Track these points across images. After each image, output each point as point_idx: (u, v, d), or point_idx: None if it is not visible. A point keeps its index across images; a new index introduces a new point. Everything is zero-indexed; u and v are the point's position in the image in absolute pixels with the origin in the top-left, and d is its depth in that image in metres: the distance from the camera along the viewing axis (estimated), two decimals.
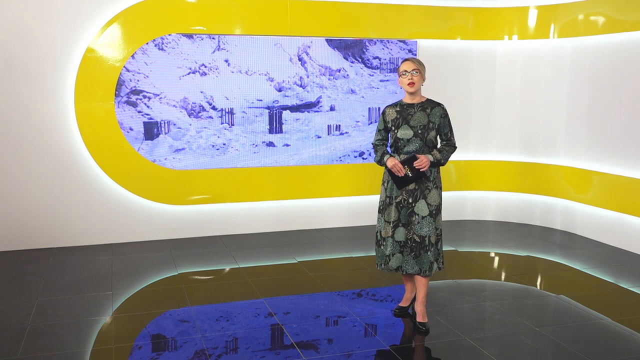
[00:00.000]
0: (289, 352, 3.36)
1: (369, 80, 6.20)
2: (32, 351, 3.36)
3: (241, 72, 5.76)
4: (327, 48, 6.01)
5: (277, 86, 5.89)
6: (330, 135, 6.12)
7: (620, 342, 3.55)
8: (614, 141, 5.63)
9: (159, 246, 5.57)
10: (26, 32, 5.18)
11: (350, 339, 3.56)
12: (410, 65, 3.57)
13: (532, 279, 4.76)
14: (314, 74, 5.99)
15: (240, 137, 5.84)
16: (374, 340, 3.54)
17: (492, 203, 6.72)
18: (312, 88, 6.00)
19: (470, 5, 6.38)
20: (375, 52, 6.17)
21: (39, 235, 5.46)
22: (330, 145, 6.14)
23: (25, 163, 5.34)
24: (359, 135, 6.21)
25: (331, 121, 6.12)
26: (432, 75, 5.39)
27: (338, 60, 6.06)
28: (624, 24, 5.40)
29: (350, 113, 6.17)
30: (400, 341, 3.57)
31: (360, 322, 3.80)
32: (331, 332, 3.66)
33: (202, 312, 3.96)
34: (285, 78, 5.91)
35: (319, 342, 3.51)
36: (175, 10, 5.53)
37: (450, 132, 3.68)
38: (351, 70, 6.11)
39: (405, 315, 3.89)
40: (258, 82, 5.83)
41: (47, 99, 5.31)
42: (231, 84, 5.75)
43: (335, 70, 6.06)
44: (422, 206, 3.60)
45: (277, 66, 5.87)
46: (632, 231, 5.47)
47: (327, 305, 4.12)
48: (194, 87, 5.65)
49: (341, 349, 3.41)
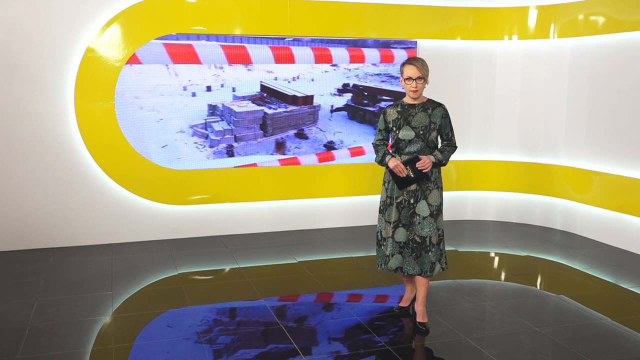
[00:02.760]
0: (288, 352, 3.36)
1: None
2: (32, 351, 3.36)
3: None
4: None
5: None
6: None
7: (620, 342, 3.55)
8: (614, 141, 5.63)
9: (159, 246, 5.57)
10: (26, 32, 5.18)
11: (350, 339, 3.56)
12: (415, 72, 3.54)
13: (532, 279, 4.76)
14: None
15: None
16: (374, 340, 3.54)
17: (492, 203, 6.72)
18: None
19: (470, 5, 6.38)
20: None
21: (39, 235, 5.46)
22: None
23: (25, 163, 5.34)
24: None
25: None
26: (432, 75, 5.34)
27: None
28: (624, 24, 5.40)
29: None
30: (400, 341, 3.57)
31: (360, 322, 3.80)
32: (331, 332, 3.66)
33: (202, 312, 3.96)
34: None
35: (319, 342, 3.52)
36: (175, 10, 5.53)
37: (451, 132, 3.68)
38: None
39: (406, 315, 3.89)
40: None
41: (47, 99, 5.31)
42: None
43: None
44: (423, 206, 3.60)
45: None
46: (632, 231, 5.47)
47: (326, 305, 4.12)
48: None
49: (341, 349, 3.41)
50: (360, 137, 6.19)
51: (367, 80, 6.12)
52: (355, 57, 6.03)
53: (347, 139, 6.17)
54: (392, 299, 4.22)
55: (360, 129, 6.16)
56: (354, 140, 6.18)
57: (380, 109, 6.16)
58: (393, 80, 6.18)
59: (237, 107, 5.86)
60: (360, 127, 6.16)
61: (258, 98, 5.89)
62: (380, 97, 6.18)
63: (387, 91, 6.18)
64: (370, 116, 6.15)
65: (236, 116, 5.86)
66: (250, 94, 5.88)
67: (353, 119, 6.15)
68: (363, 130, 6.17)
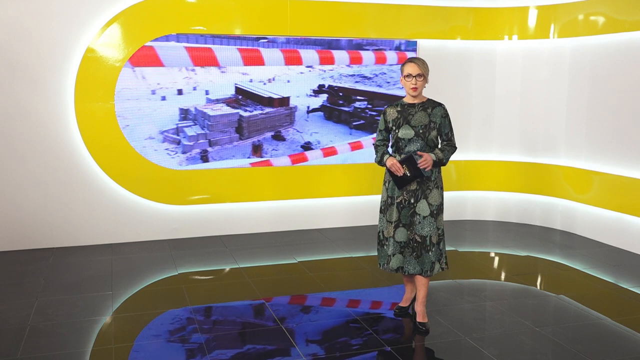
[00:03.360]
0: (288, 352, 3.36)
1: None
2: (32, 351, 3.36)
3: None
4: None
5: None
6: None
7: (620, 342, 3.55)
8: (614, 141, 5.63)
9: (159, 246, 5.57)
10: (26, 32, 5.18)
11: (350, 339, 3.56)
12: (415, 69, 3.55)
13: (532, 279, 4.76)
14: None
15: None
16: (374, 340, 3.54)
17: (492, 203, 6.72)
18: None
19: (470, 5, 6.38)
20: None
21: (39, 235, 5.46)
22: None
23: (25, 163, 5.33)
24: None
25: None
26: (432, 75, 5.34)
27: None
28: (624, 24, 5.40)
29: None
30: (400, 341, 3.57)
31: (360, 322, 3.80)
32: (331, 332, 3.66)
33: (202, 312, 3.96)
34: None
35: (319, 342, 3.51)
36: (175, 10, 5.52)
37: (450, 132, 3.68)
38: None
39: (405, 315, 3.89)
40: None
41: (47, 99, 5.31)
42: None
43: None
44: (423, 206, 3.60)
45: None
46: (632, 231, 5.47)
47: (327, 305, 4.12)
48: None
49: (341, 349, 3.41)
50: (337, 137, 6.16)
51: (341, 81, 6.09)
52: (325, 59, 6.00)
53: (324, 139, 6.14)
54: (392, 299, 4.22)
55: (337, 129, 6.14)
56: (330, 140, 6.15)
57: (354, 108, 6.14)
58: (366, 81, 6.15)
59: (211, 111, 5.76)
60: (336, 127, 6.14)
61: (233, 101, 5.80)
62: (354, 97, 6.16)
63: (361, 91, 6.17)
64: (346, 116, 6.13)
65: (210, 120, 5.75)
66: (225, 97, 5.79)
67: (329, 119, 6.12)
68: (339, 130, 6.15)
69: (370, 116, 6.22)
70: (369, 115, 6.21)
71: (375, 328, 3.71)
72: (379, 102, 6.23)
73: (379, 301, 4.23)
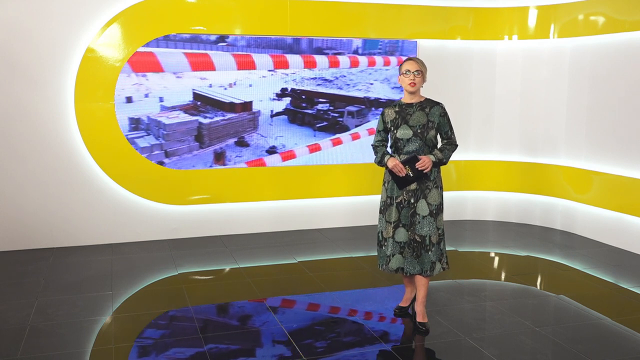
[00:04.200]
0: (288, 352, 3.36)
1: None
2: (32, 351, 3.36)
3: None
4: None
5: None
6: None
7: (620, 342, 3.55)
8: (614, 141, 5.63)
9: (159, 246, 5.57)
10: (26, 32, 5.18)
11: (350, 339, 3.56)
12: (413, 65, 3.57)
13: (532, 279, 4.76)
14: None
15: None
16: (374, 340, 3.54)
17: (492, 203, 6.72)
18: None
19: (470, 5, 6.38)
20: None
21: (39, 235, 5.46)
22: None
23: (25, 163, 5.34)
24: None
25: None
26: (432, 75, 5.39)
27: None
28: (624, 24, 5.40)
29: None
30: (400, 341, 3.57)
31: (360, 322, 3.80)
32: (331, 332, 3.66)
33: (202, 312, 3.96)
34: None
35: (319, 342, 3.51)
36: (175, 10, 5.52)
37: (450, 131, 3.68)
38: None
39: (405, 315, 3.89)
40: None
41: (47, 99, 5.31)
42: None
43: None
44: (423, 206, 3.60)
45: None
46: (632, 231, 5.47)
47: (327, 305, 4.12)
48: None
49: (341, 349, 3.41)
50: (302, 139, 6.07)
51: (303, 84, 6.00)
52: (279, 63, 5.86)
53: (289, 143, 6.03)
54: (392, 298, 4.22)
55: (301, 132, 6.04)
56: (295, 144, 6.04)
57: (317, 111, 6.06)
58: (328, 84, 6.07)
59: (166, 119, 5.52)
60: (300, 130, 6.05)
61: (191, 107, 5.57)
62: (317, 99, 6.07)
63: (323, 94, 6.08)
64: (309, 118, 6.05)
65: (166, 129, 5.51)
66: (182, 104, 5.55)
67: (293, 122, 6.02)
68: (304, 132, 6.06)
69: (332, 117, 6.14)
70: (332, 117, 6.14)
71: (375, 328, 3.71)
72: (340, 104, 6.15)
73: (379, 301, 4.23)
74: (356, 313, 3.95)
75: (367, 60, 6.19)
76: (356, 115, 6.21)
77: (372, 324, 3.78)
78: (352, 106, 6.21)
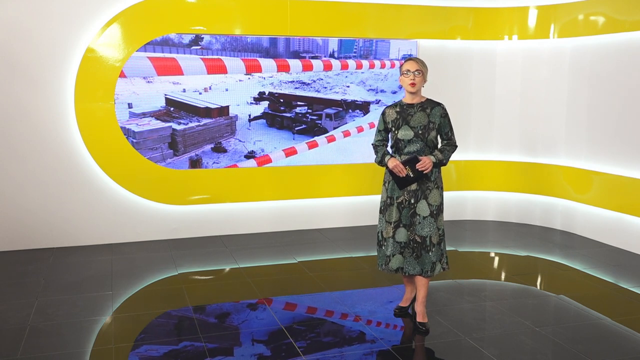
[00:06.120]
0: (288, 352, 3.36)
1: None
2: (32, 351, 3.36)
3: None
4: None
5: None
6: None
7: (620, 342, 3.55)
8: (614, 141, 5.63)
9: (159, 246, 5.57)
10: (26, 32, 5.18)
11: (350, 339, 3.56)
12: (414, 65, 3.57)
13: (532, 279, 4.76)
14: None
15: None
16: (374, 340, 3.54)
17: (492, 203, 6.72)
18: None
19: (470, 5, 6.38)
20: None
21: (39, 235, 5.46)
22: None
23: (25, 163, 5.34)
24: None
25: None
26: (432, 75, 5.38)
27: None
28: (624, 24, 5.40)
29: None
30: (400, 341, 3.57)
31: (361, 322, 3.80)
32: (331, 332, 3.66)
33: (202, 312, 3.96)
34: None
35: (319, 342, 3.51)
36: (175, 10, 5.53)
37: (450, 132, 3.68)
38: None
39: (405, 315, 3.89)
40: None
41: (47, 99, 5.31)
42: None
43: None
44: (423, 206, 3.60)
45: None
46: (632, 231, 5.47)
47: (327, 305, 4.12)
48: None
49: (341, 349, 3.41)
50: (281, 143, 5.99)
51: (281, 87, 5.91)
52: (251, 67, 5.76)
53: (268, 147, 5.96)
54: (392, 299, 4.22)
55: (280, 135, 5.96)
56: (274, 147, 5.96)
57: (296, 114, 6.02)
58: (305, 87, 6.01)
59: (135, 127, 5.37)
60: (279, 133, 5.98)
61: (163, 113, 5.39)
62: (295, 102, 6.01)
63: (301, 97, 6.01)
64: (288, 122, 5.99)
65: (135, 137, 5.37)
66: (153, 110, 5.37)
67: (272, 126, 5.93)
68: (283, 136, 5.98)
69: (311, 120, 6.08)
70: (310, 119, 6.08)
71: (375, 328, 3.71)
72: (318, 107, 6.10)
73: (379, 301, 4.23)
74: (356, 313, 3.95)
75: (340, 64, 6.11)
76: (334, 118, 6.18)
77: (372, 324, 3.78)
78: (330, 108, 6.17)
